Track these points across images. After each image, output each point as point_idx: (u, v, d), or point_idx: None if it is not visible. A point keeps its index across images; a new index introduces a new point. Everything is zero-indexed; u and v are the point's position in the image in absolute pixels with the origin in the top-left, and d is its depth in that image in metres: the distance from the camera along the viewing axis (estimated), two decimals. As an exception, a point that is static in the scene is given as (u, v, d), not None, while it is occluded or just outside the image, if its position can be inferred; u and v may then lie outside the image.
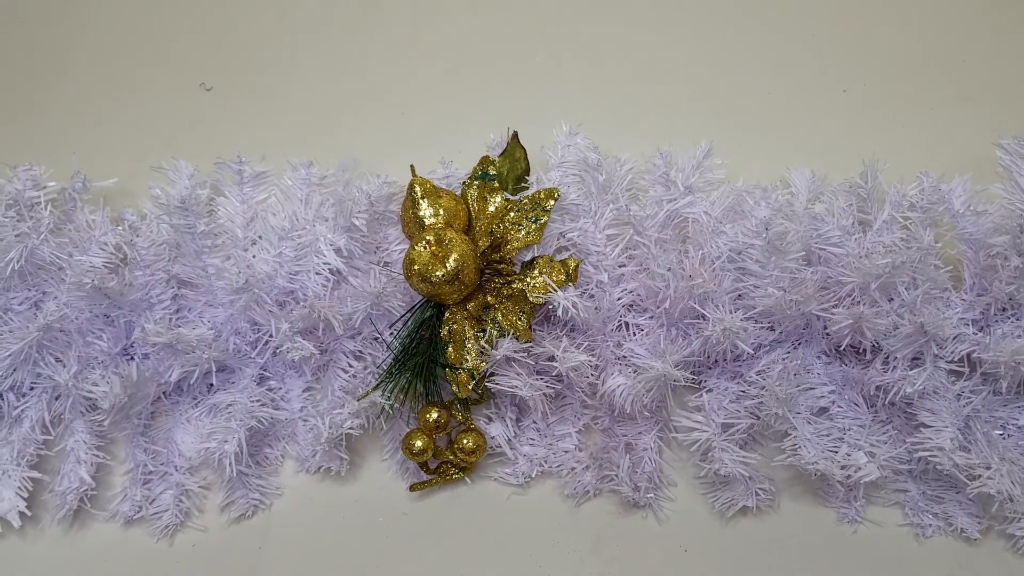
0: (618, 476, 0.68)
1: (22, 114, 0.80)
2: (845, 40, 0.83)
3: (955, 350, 0.66)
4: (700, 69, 0.82)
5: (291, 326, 0.65)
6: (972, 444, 0.65)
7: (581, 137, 0.72)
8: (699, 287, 0.64)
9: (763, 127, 0.80)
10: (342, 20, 0.84)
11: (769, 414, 0.65)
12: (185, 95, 0.81)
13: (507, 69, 0.82)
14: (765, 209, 0.68)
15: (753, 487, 0.67)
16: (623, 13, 0.84)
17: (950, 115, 0.79)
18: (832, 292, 0.66)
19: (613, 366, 0.67)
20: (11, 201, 0.69)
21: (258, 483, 0.68)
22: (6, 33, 0.83)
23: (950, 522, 0.67)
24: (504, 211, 0.68)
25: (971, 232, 0.66)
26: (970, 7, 0.83)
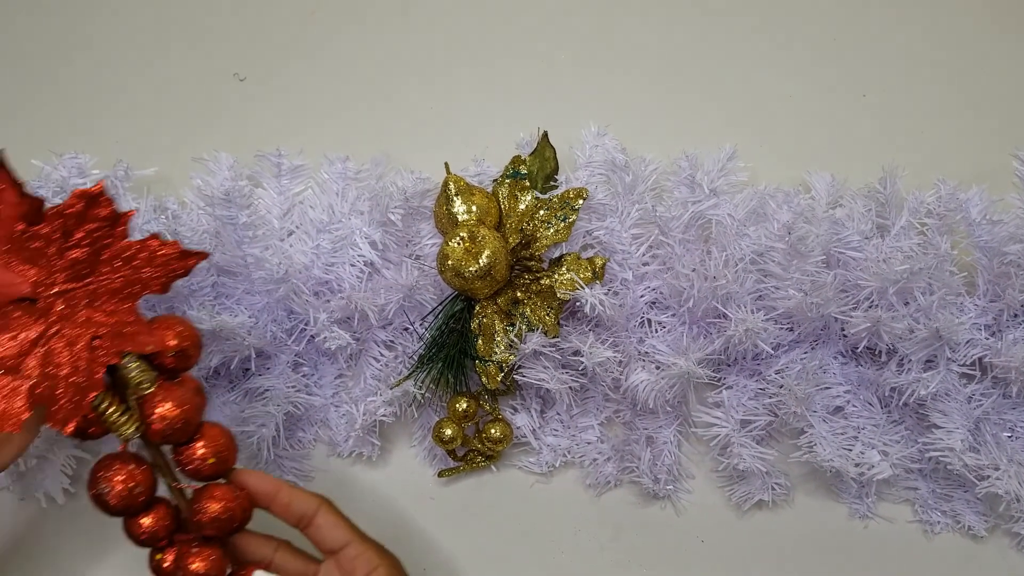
0: (639, 468, 0.70)
1: (67, 104, 0.82)
2: (866, 46, 0.84)
3: (968, 354, 0.68)
4: (724, 73, 0.83)
5: (329, 316, 0.67)
6: (981, 445, 0.68)
7: (609, 138, 0.74)
8: (722, 287, 0.66)
9: (784, 131, 0.82)
10: (373, 16, 0.86)
11: (787, 412, 0.67)
12: (220, 86, 0.83)
13: (538, 70, 0.83)
14: (787, 213, 0.70)
15: (769, 482, 0.69)
16: (650, 18, 0.85)
17: (969, 124, 0.81)
18: (851, 295, 0.68)
19: (636, 362, 0.69)
20: (57, 188, 0.71)
21: (292, 466, 0.71)
22: (50, 25, 0.85)
23: (958, 520, 0.70)
24: (534, 209, 0.70)
25: (986, 240, 0.68)
26: (991, 17, 0.85)
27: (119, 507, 0.51)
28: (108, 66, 0.83)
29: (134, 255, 0.51)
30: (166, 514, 0.53)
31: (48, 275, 0.50)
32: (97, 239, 0.50)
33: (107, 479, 0.50)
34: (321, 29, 0.85)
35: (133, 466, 0.51)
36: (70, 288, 0.50)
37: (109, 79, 0.83)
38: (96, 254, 0.51)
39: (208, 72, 0.84)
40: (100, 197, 0.50)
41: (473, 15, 0.85)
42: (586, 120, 0.75)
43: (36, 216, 0.50)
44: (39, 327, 0.50)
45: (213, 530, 0.52)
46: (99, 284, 0.51)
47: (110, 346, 0.50)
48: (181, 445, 0.52)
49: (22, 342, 0.49)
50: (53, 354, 0.49)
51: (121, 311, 0.51)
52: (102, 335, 0.50)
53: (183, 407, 0.51)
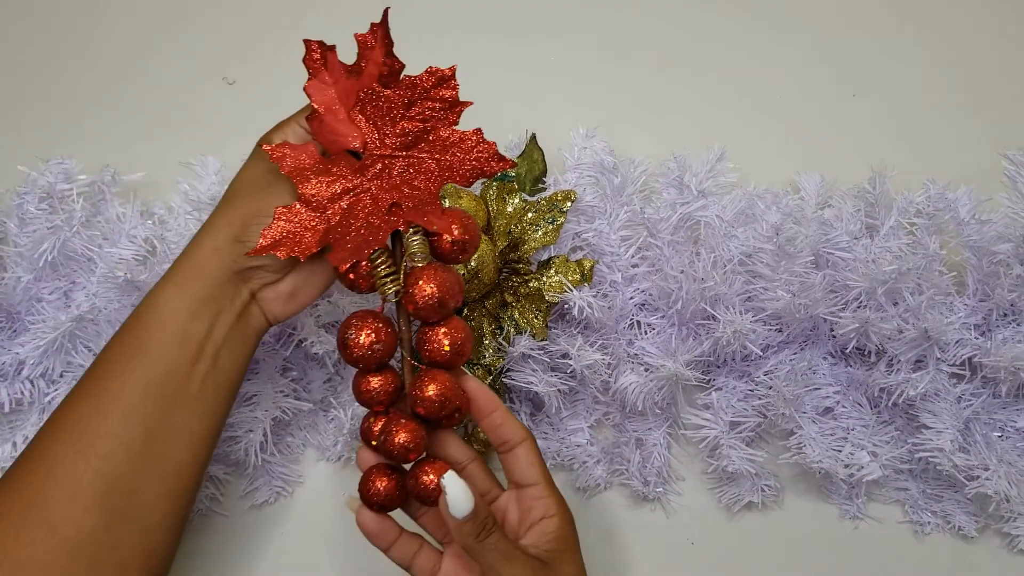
0: (628, 470, 0.70)
1: (53, 110, 0.82)
2: (856, 46, 0.85)
3: (957, 354, 0.68)
4: (714, 74, 0.83)
5: (316, 320, 0.67)
6: (971, 445, 0.68)
7: (597, 140, 0.74)
8: (710, 289, 0.66)
9: (774, 131, 0.82)
10: (364, 18, 0.85)
11: (776, 413, 0.67)
12: (209, 90, 0.83)
13: (526, 72, 0.83)
14: (775, 214, 0.70)
15: (759, 483, 0.69)
16: (639, 19, 0.85)
17: (958, 124, 0.81)
18: (839, 296, 0.68)
19: (625, 364, 0.69)
20: (44, 194, 0.71)
21: (280, 471, 0.71)
22: (36, 29, 0.85)
23: (948, 520, 0.70)
24: (522, 212, 0.70)
25: (975, 240, 0.68)
26: (981, 18, 0.85)
27: (357, 356, 0.53)
28: (96, 71, 0.83)
29: (454, 143, 0.54)
30: (392, 381, 0.55)
31: (380, 137, 0.54)
32: (430, 118, 0.54)
33: (357, 328, 0.53)
34: (310, 33, 0.85)
35: (382, 325, 0.54)
36: (392, 154, 0.54)
37: (97, 84, 0.83)
38: (425, 131, 0.54)
39: (196, 76, 0.83)
40: (450, 80, 0.53)
41: (461, 18, 0.85)
42: (574, 122, 0.75)
43: (391, 79, 0.54)
44: (355, 180, 0.54)
45: (424, 409, 0.53)
46: (417, 160, 0.55)
47: (405, 215, 0.53)
48: (427, 325, 0.54)
49: (336, 188, 0.54)
50: (356, 207, 0.54)
51: (424, 190, 0.54)
52: (403, 204, 0.53)
53: (444, 288, 0.53)
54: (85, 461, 0.51)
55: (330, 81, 0.54)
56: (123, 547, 0.51)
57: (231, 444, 0.68)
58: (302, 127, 0.56)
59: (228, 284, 0.54)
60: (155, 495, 0.52)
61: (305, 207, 0.53)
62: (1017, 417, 0.69)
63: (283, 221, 0.53)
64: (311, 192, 0.53)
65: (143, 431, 0.52)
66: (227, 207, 0.56)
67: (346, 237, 0.53)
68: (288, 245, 0.52)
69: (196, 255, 0.54)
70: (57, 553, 0.49)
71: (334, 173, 0.54)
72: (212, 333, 0.54)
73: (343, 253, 0.52)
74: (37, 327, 0.67)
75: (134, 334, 0.54)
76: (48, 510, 0.50)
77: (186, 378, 0.53)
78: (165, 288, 0.54)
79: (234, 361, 0.56)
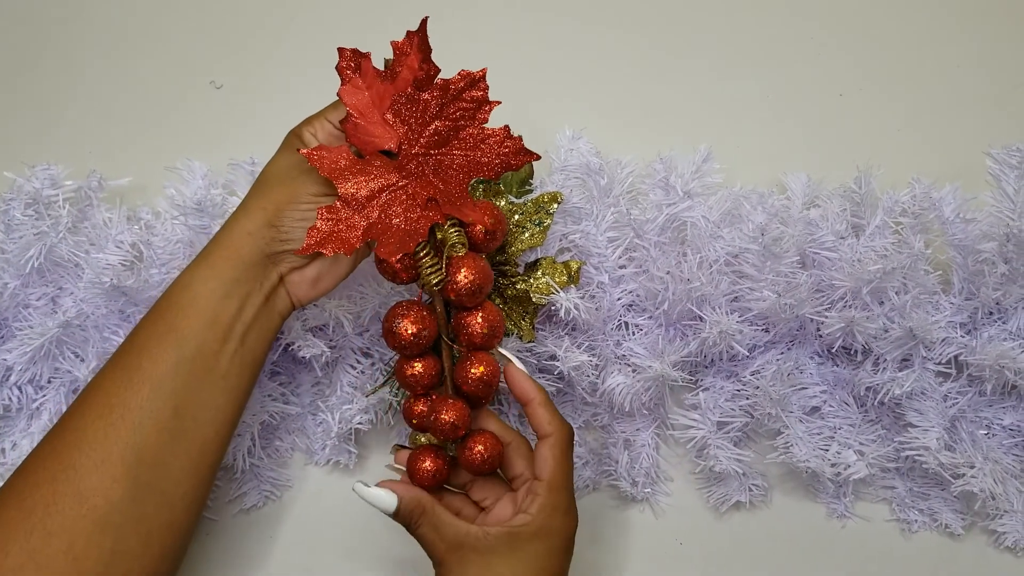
0: (616, 471, 0.70)
1: (38, 114, 0.82)
2: (842, 45, 0.85)
3: (943, 352, 0.68)
4: (700, 75, 0.83)
5: (303, 324, 0.67)
6: (957, 443, 0.68)
7: (584, 141, 0.74)
8: (697, 289, 0.66)
9: (760, 131, 0.82)
10: (351, 22, 0.86)
11: (763, 413, 0.68)
12: (196, 94, 0.83)
13: (512, 74, 0.83)
14: (761, 214, 0.70)
15: (747, 483, 0.70)
16: (625, 20, 0.85)
17: (943, 122, 0.81)
18: (825, 295, 0.68)
19: (613, 365, 0.69)
20: (30, 200, 0.71)
21: (269, 475, 0.71)
22: (22, 34, 0.85)
23: (935, 518, 0.70)
24: (508, 214, 0.70)
25: (960, 238, 0.69)
26: (965, 17, 0.85)
27: (405, 344, 0.57)
28: (82, 76, 0.83)
29: (484, 140, 0.58)
30: (434, 365, 0.59)
31: (414, 137, 0.57)
32: (461, 117, 0.57)
33: (403, 317, 0.57)
34: (298, 37, 0.85)
35: (426, 314, 0.58)
36: (426, 153, 0.58)
37: (83, 89, 0.83)
38: (456, 130, 0.58)
39: (184, 81, 0.83)
40: (480, 82, 0.57)
41: (449, 21, 0.85)
42: (561, 124, 0.75)
43: (428, 83, 0.57)
44: (391, 178, 0.57)
45: (471, 388, 0.58)
46: (449, 156, 0.58)
47: (442, 208, 0.57)
48: (464, 310, 0.59)
49: (374, 187, 0.57)
50: (393, 203, 0.57)
51: (455, 184, 0.58)
52: (438, 198, 0.57)
53: (482, 275, 0.57)
54: (115, 432, 0.52)
55: (363, 86, 0.57)
56: (148, 519, 0.53)
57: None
58: (331, 123, 0.59)
59: (259, 267, 0.57)
60: (180, 469, 0.54)
61: (345, 205, 0.56)
62: (1003, 415, 0.69)
63: (326, 220, 0.56)
64: (350, 191, 0.56)
65: (172, 405, 0.54)
66: (260, 193, 0.58)
67: (388, 232, 0.56)
68: (334, 243, 0.56)
69: (230, 238, 0.57)
70: (86, 522, 0.51)
71: (371, 172, 0.57)
72: (242, 314, 0.56)
73: (390, 246, 0.55)
74: (24, 333, 0.67)
75: (167, 314, 0.56)
76: (78, 480, 0.51)
77: (215, 356, 0.55)
78: (198, 269, 0.57)
79: (260, 341, 0.58)
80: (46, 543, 0.50)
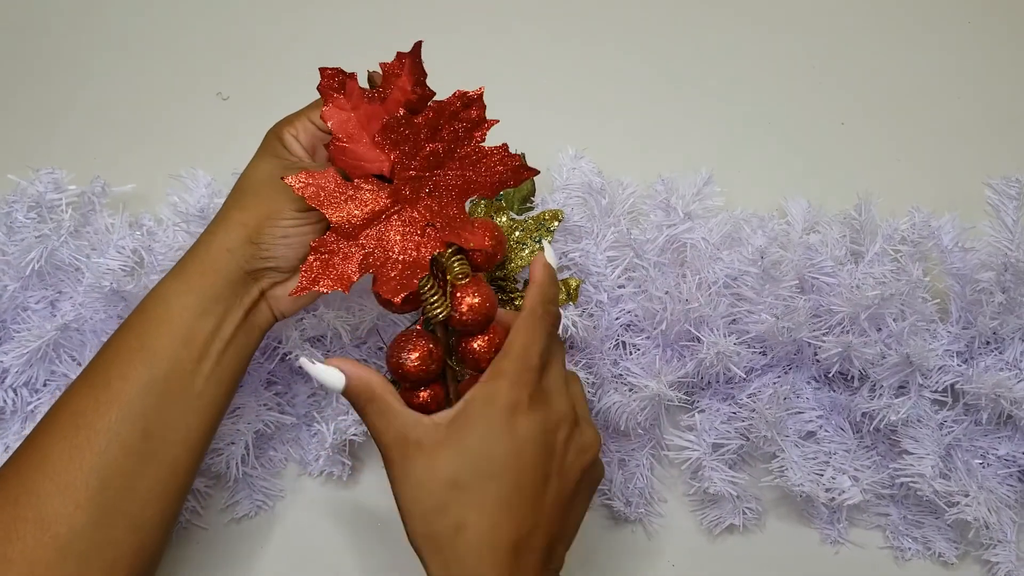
0: (610, 490, 0.70)
1: (45, 120, 0.82)
2: (845, 75, 0.85)
3: (939, 381, 0.68)
4: (703, 99, 0.84)
5: (301, 334, 0.67)
6: (952, 472, 0.68)
7: (586, 161, 0.74)
8: (695, 311, 0.66)
9: (762, 156, 0.82)
10: (355, 36, 0.86)
11: (758, 436, 0.68)
12: (202, 105, 0.83)
13: (515, 92, 0.84)
14: (761, 237, 0.70)
15: (741, 506, 0.69)
16: (630, 42, 0.86)
17: (943, 152, 0.82)
18: (823, 320, 0.68)
19: (609, 384, 0.69)
20: (33, 203, 0.71)
21: (262, 484, 0.70)
22: (30, 39, 0.85)
23: (929, 546, 0.70)
24: (509, 230, 0.70)
25: (958, 267, 0.69)
26: (966, 49, 0.86)
27: (413, 377, 0.54)
28: (89, 83, 0.84)
29: (480, 159, 0.55)
30: (439, 392, 0.57)
31: (407, 160, 0.54)
32: (458, 138, 0.54)
33: (409, 350, 0.54)
34: (304, 50, 0.86)
35: (432, 346, 0.55)
36: (421, 176, 0.54)
37: (89, 95, 0.83)
38: (451, 151, 0.55)
39: (190, 90, 0.84)
40: (477, 101, 0.54)
41: (453, 38, 0.86)
42: (564, 143, 0.75)
43: (420, 106, 0.54)
44: (385, 204, 0.54)
45: None
46: (444, 178, 0.55)
47: (440, 235, 0.54)
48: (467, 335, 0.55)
49: (367, 214, 0.54)
50: (389, 231, 0.54)
51: (452, 206, 0.55)
52: (436, 224, 0.54)
53: (489, 301, 0.54)
54: (80, 456, 0.50)
55: (348, 107, 0.54)
56: (114, 545, 0.51)
57: (212, 456, 0.68)
58: (313, 123, 0.57)
59: (239, 284, 0.55)
60: (149, 492, 0.52)
61: (337, 236, 0.53)
62: (998, 445, 0.69)
63: (319, 254, 0.53)
64: (343, 220, 0.53)
65: (141, 428, 0.52)
66: (238, 207, 0.56)
67: (386, 263, 0.53)
68: (329, 279, 0.53)
69: (207, 254, 0.55)
70: (47, 550, 0.49)
71: (363, 198, 0.54)
72: (219, 332, 0.54)
73: (392, 284, 0.52)
74: (22, 335, 0.67)
75: (138, 330, 0.54)
76: (40, 505, 0.49)
77: (189, 376, 0.53)
78: (173, 284, 0.54)
79: (238, 359, 0.56)
80: (6, 570, 0.48)
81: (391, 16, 0.87)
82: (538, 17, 0.88)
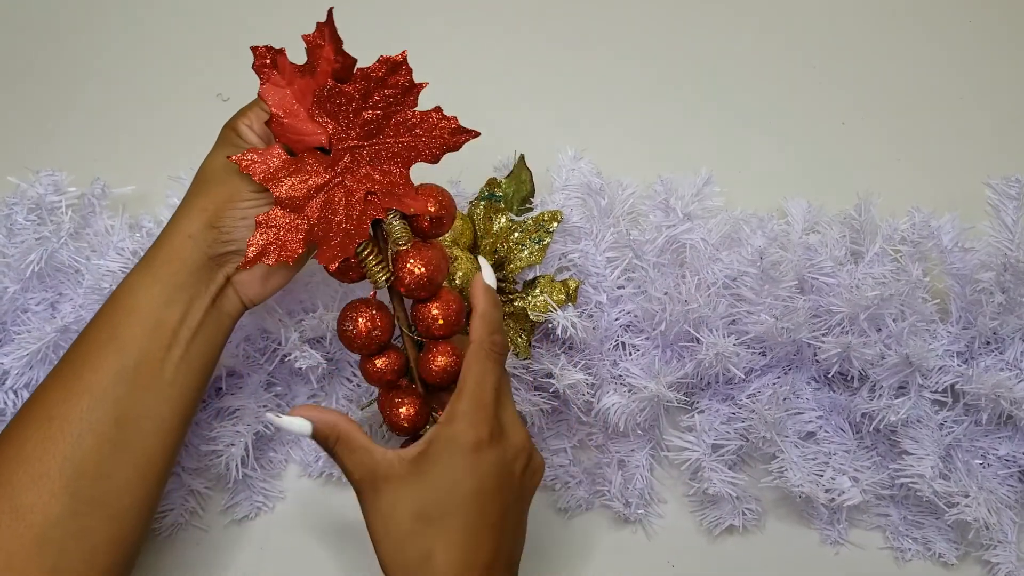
0: (610, 491, 0.70)
1: (45, 122, 0.82)
2: (846, 75, 0.85)
3: (939, 381, 0.68)
4: (702, 99, 0.84)
5: (300, 335, 0.67)
6: (952, 472, 0.68)
7: (585, 162, 0.74)
8: (694, 311, 0.66)
9: (762, 157, 0.82)
10: (356, 40, 0.86)
11: (758, 436, 0.67)
12: (202, 107, 0.83)
13: (515, 93, 0.84)
14: (761, 238, 0.70)
15: (740, 507, 0.69)
16: (629, 43, 0.86)
17: (943, 152, 0.82)
18: (823, 321, 0.68)
19: (609, 385, 0.69)
20: (33, 205, 0.71)
21: (262, 486, 0.70)
22: (30, 41, 0.86)
23: (929, 547, 0.70)
24: (509, 231, 0.70)
25: (958, 267, 0.69)
26: (967, 49, 0.86)
27: (360, 345, 0.56)
28: (89, 84, 0.84)
29: (416, 124, 0.55)
30: (396, 359, 0.58)
31: (344, 130, 0.55)
32: (390, 104, 0.54)
33: (353, 319, 0.56)
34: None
35: (376, 311, 0.56)
36: (359, 145, 0.55)
37: (89, 97, 0.84)
38: (387, 118, 0.55)
39: (190, 93, 0.84)
40: (402, 66, 0.54)
41: (452, 39, 0.86)
42: (563, 144, 0.75)
43: (346, 74, 0.54)
44: (326, 175, 0.55)
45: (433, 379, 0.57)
46: (383, 146, 0.55)
47: (381, 202, 0.54)
48: (419, 302, 0.57)
49: (310, 186, 0.55)
50: (332, 201, 0.55)
51: (394, 173, 0.55)
52: (376, 191, 0.55)
53: (431, 266, 0.55)
54: (53, 446, 0.51)
55: (284, 83, 0.55)
56: (91, 534, 0.51)
57: (212, 458, 0.68)
58: (264, 111, 0.57)
59: (203, 270, 0.55)
60: (125, 481, 0.53)
61: (282, 210, 0.54)
62: (998, 445, 0.69)
63: (264, 229, 0.54)
64: (286, 194, 0.54)
65: (113, 416, 0.52)
66: (197, 194, 0.56)
67: (329, 233, 0.54)
68: (275, 251, 0.54)
69: (170, 243, 0.55)
70: (23, 540, 0.49)
71: (305, 171, 0.55)
72: (186, 319, 0.55)
73: (330, 252, 0.53)
74: (22, 337, 0.67)
75: (108, 322, 0.54)
76: (14, 496, 0.50)
77: (159, 364, 0.54)
78: (139, 276, 0.55)
79: (208, 346, 0.56)
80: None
81: (393, 17, 0.87)
82: (538, 17, 0.88)
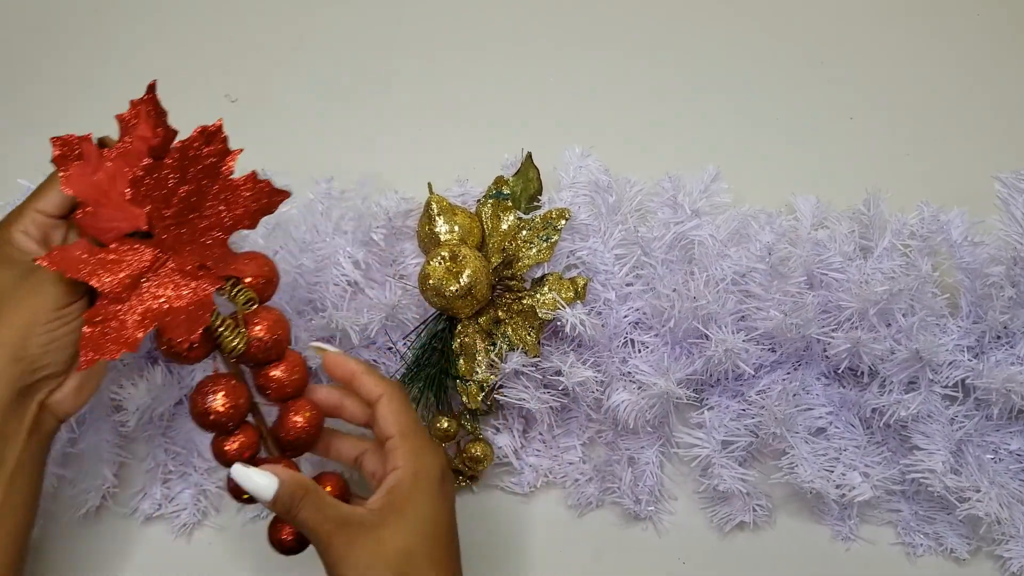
0: (620, 488, 0.70)
1: (53, 124, 0.82)
2: (854, 70, 0.85)
3: (950, 376, 0.68)
4: (711, 95, 0.84)
5: (310, 335, 0.67)
6: (963, 467, 0.67)
7: (593, 159, 0.74)
8: (703, 308, 0.66)
9: (770, 152, 0.82)
10: (362, 38, 0.86)
11: (768, 433, 0.67)
12: (211, 107, 0.83)
13: (523, 92, 0.84)
14: (769, 234, 0.70)
15: (751, 503, 0.69)
16: (635, 40, 0.86)
17: (952, 147, 0.81)
18: (832, 316, 0.68)
19: (618, 382, 0.69)
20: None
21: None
22: (37, 43, 0.86)
23: (940, 542, 0.70)
24: (516, 229, 0.70)
25: (968, 262, 0.69)
26: (975, 44, 0.86)
27: (226, 419, 0.54)
28: (98, 87, 0.84)
29: (233, 191, 0.55)
30: (252, 432, 0.57)
31: (163, 209, 0.53)
32: (205, 175, 0.54)
33: (215, 392, 0.54)
34: (312, 52, 0.86)
35: (235, 382, 0.55)
36: (180, 222, 0.54)
37: (99, 100, 0.83)
38: (203, 191, 0.54)
39: (199, 93, 0.84)
40: (217, 134, 0.54)
41: (458, 38, 0.86)
42: (570, 141, 0.75)
43: (163, 150, 0.53)
44: (150, 257, 0.53)
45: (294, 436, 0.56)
46: (203, 219, 0.55)
47: (217, 271, 0.54)
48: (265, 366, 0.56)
49: (134, 272, 0.53)
50: (161, 283, 0.53)
51: (217, 245, 0.55)
52: (208, 264, 0.54)
53: (281, 325, 0.56)
54: None
55: (89, 171, 0.53)
56: None
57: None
58: (41, 213, 0.54)
59: (14, 407, 0.52)
60: None
61: (107, 301, 0.52)
62: (1010, 439, 0.69)
63: (95, 325, 0.51)
64: (108, 285, 0.51)
65: None
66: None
67: (169, 313, 0.52)
68: (113, 345, 0.51)
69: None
70: None
71: (125, 258, 0.52)
72: (4, 463, 0.52)
73: (181, 327, 0.52)
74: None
75: None
76: None
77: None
78: None
79: (31, 476, 0.54)
80: None
81: (397, 18, 0.87)
82: (546, 14, 0.87)
